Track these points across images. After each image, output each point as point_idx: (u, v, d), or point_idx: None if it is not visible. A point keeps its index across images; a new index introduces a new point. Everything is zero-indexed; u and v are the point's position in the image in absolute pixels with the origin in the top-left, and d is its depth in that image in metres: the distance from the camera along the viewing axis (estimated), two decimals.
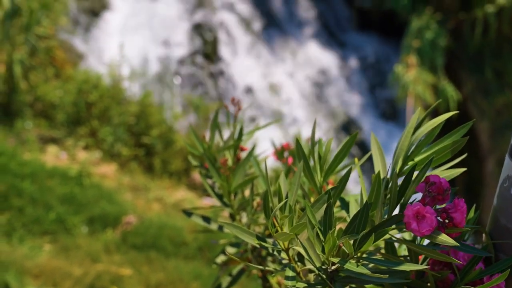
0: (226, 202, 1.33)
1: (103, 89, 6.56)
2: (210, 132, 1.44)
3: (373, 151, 1.12)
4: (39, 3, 6.06)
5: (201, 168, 1.40)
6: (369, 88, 9.29)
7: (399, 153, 1.02)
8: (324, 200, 0.99)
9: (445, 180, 0.85)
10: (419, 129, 1.04)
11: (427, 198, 0.82)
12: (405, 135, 1.04)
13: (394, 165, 1.02)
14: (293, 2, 9.77)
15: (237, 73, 8.55)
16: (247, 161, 1.34)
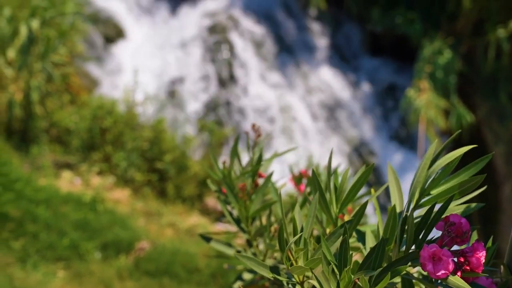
0: (244, 228, 1.34)
1: (117, 115, 6.63)
2: (230, 158, 1.45)
3: (390, 182, 1.11)
4: (56, 32, 6.18)
5: (220, 193, 1.41)
6: (382, 112, 9.27)
7: (416, 186, 1.02)
8: (339, 233, 0.98)
9: (465, 221, 0.84)
10: (436, 162, 1.03)
11: (446, 238, 0.81)
12: (421, 167, 1.03)
13: (410, 198, 1.01)
14: (305, 28, 9.86)
15: (250, 97, 8.60)
16: (265, 187, 1.34)
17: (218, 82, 8.68)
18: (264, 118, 8.51)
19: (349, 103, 9.18)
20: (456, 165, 1.04)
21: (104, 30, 9.40)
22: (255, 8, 9.88)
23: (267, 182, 1.33)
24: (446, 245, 0.80)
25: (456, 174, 1.02)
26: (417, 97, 8.03)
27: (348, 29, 10.09)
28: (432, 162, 1.03)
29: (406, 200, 1.01)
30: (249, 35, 9.40)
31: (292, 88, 8.98)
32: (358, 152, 8.77)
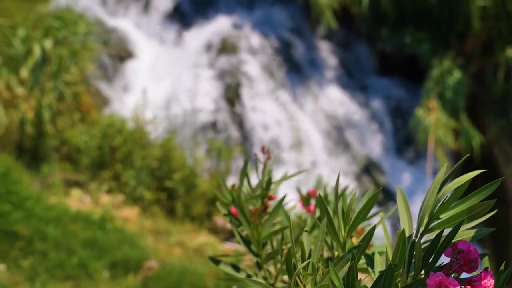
0: (255, 251, 1.34)
1: (127, 133, 6.67)
2: (239, 180, 1.45)
3: (399, 205, 1.11)
4: (68, 51, 6.26)
5: (231, 217, 1.41)
6: (391, 131, 9.25)
7: (425, 210, 1.01)
8: (348, 259, 0.98)
9: (474, 248, 0.83)
10: (445, 186, 1.02)
11: (454, 265, 0.80)
12: (430, 191, 1.02)
13: (419, 223, 1.01)
14: (314, 47, 9.91)
15: (259, 116, 8.62)
16: (277, 211, 1.35)
17: (227, 101, 8.73)
18: (273, 137, 8.52)
19: (358, 122, 9.17)
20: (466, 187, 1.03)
21: (114, 50, 9.51)
22: (264, 27, 9.97)
23: (279, 207, 1.34)
24: (455, 272, 0.79)
25: (465, 198, 1.01)
26: (426, 116, 8.01)
27: (358, 49, 10.14)
28: (441, 186, 1.03)
29: (415, 224, 1.00)
30: (258, 54, 9.46)
31: (301, 106, 9.00)
32: (367, 171, 8.73)
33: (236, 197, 1.39)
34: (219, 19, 10.11)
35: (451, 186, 1.03)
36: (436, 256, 0.85)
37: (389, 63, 9.80)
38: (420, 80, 8.85)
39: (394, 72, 9.77)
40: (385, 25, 9.36)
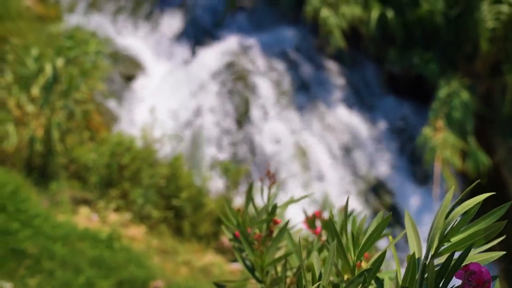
0: (259, 278, 1.33)
1: (135, 152, 6.70)
2: (245, 204, 1.45)
3: (407, 230, 1.11)
4: (78, 70, 6.34)
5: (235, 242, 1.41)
6: (399, 151, 9.23)
7: (435, 233, 1.01)
8: (358, 282, 0.98)
9: (486, 270, 0.83)
10: (455, 209, 1.03)
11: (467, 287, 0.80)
12: (439, 214, 1.03)
13: (429, 246, 1.01)
14: (322, 67, 9.97)
15: (267, 136, 8.64)
16: (281, 237, 1.34)
17: (235, 120, 8.76)
18: (281, 156, 8.52)
19: (366, 142, 9.16)
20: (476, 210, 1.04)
21: (124, 68, 9.62)
22: (272, 47, 10.05)
23: (283, 232, 1.33)
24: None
25: (476, 222, 1.01)
26: (433, 136, 8.00)
27: (365, 69, 10.18)
28: (451, 209, 1.03)
29: (424, 247, 1.00)
30: (266, 74, 9.53)
31: (309, 126, 9.02)
32: (374, 191, 8.70)
33: (241, 222, 1.39)
34: (228, 39, 10.21)
35: (460, 209, 1.03)
36: (447, 279, 0.85)
37: (397, 83, 9.82)
38: (428, 101, 8.86)
39: (402, 92, 9.78)
40: (393, 45, 9.40)
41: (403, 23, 9.20)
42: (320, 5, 9.13)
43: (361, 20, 9.30)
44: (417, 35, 9.12)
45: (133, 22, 10.92)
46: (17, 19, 7.34)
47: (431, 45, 9.08)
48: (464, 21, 8.66)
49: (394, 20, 9.16)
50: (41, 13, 9.56)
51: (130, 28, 10.85)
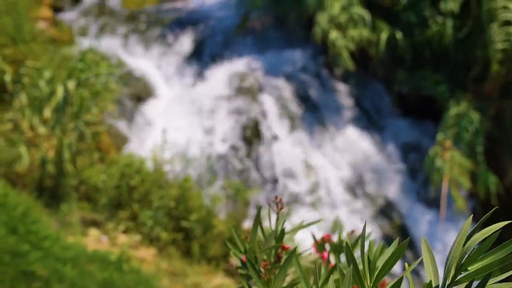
0: None
1: (145, 173, 6.72)
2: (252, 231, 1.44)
3: (424, 257, 1.10)
4: (89, 92, 6.40)
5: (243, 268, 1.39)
6: (409, 172, 9.18)
7: (452, 262, 1.00)
8: None
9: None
10: (472, 237, 1.02)
11: None
12: (457, 243, 1.02)
13: (446, 275, 1.00)
14: (331, 88, 10.00)
15: (276, 157, 8.64)
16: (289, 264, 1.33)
17: (244, 141, 8.78)
18: (290, 178, 8.50)
19: (375, 163, 9.13)
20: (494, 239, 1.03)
21: (134, 90, 9.71)
22: (282, 68, 10.11)
23: (291, 258, 1.32)
24: None
25: (494, 250, 1.00)
26: (441, 156, 7.95)
27: (375, 89, 10.20)
28: (468, 236, 1.02)
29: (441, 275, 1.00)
30: (275, 94, 9.57)
31: (318, 148, 9.01)
32: (385, 213, 8.63)
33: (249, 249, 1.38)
34: (238, 60, 10.30)
35: (478, 237, 1.02)
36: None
37: (406, 104, 9.82)
38: (438, 121, 8.84)
39: (411, 113, 9.78)
40: (402, 66, 9.43)
41: (412, 44, 9.24)
42: (328, 27, 9.20)
43: (370, 41, 9.35)
44: (426, 56, 9.15)
45: (144, 44, 11.06)
46: (31, 42, 7.46)
47: (440, 66, 9.10)
48: (473, 42, 8.69)
49: (403, 41, 9.20)
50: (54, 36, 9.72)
51: (141, 50, 10.99)
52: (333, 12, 9.21)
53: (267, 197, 8.35)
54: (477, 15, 8.68)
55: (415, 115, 9.74)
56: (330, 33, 9.14)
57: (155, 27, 11.46)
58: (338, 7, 9.27)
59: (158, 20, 11.70)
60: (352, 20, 9.29)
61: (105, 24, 11.83)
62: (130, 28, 11.63)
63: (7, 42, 7.19)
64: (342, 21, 9.23)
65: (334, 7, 9.23)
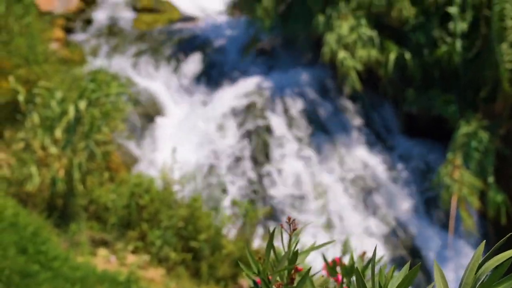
0: None
1: (154, 193, 6.72)
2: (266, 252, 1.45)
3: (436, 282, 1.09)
4: (100, 112, 6.46)
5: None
6: (418, 192, 9.12)
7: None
8: None
9: None
10: (485, 264, 1.01)
11: None
12: (469, 270, 1.01)
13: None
14: (340, 108, 10.01)
15: (285, 176, 8.62)
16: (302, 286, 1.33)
17: (253, 161, 8.78)
18: (300, 197, 8.47)
19: (385, 183, 9.08)
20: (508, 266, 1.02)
21: (144, 110, 9.78)
22: (291, 88, 10.15)
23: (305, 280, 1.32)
24: None
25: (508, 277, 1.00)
26: (450, 174, 7.90)
27: (384, 109, 10.19)
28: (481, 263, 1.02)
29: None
30: (284, 114, 9.59)
31: (327, 167, 8.99)
32: (395, 233, 8.56)
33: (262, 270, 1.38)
34: (247, 80, 10.36)
35: (491, 264, 1.01)
36: None
37: (416, 123, 9.79)
38: (447, 141, 8.80)
39: (420, 132, 9.75)
40: (411, 86, 9.43)
41: (421, 64, 9.25)
42: (336, 47, 9.25)
43: (378, 61, 9.38)
44: (435, 76, 9.15)
45: (153, 63, 11.18)
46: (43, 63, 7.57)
47: (450, 86, 9.09)
48: (483, 62, 8.69)
49: (412, 62, 9.22)
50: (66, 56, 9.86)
51: (151, 69, 11.10)
52: (342, 32, 9.27)
53: (275, 216, 8.32)
54: (486, 35, 8.70)
55: (424, 134, 9.71)
56: (338, 53, 9.18)
57: (165, 47, 11.59)
58: (347, 27, 9.33)
59: (168, 40, 11.84)
60: (361, 40, 9.34)
61: (116, 45, 11.99)
62: (141, 48, 11.77)
63: (21, 63, 7.30)
64: (351, 41, 9.28)
65: (343, 28, 9.29)
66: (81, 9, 12.88)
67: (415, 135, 9.77)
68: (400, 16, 9.43)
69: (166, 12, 13.72)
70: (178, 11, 13.90)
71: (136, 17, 13.27)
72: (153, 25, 12.96)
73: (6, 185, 5.79)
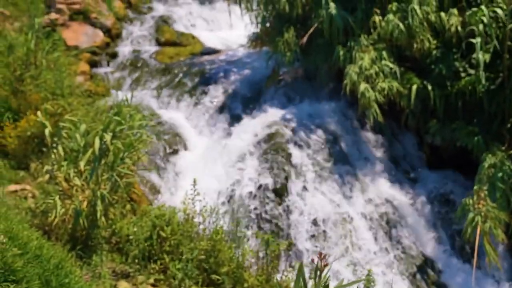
0: None
1: (176, 225, 6.71)
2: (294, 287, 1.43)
3: None
4: (123, 144, 6.52)
5: None
6: (444, 225, 8.94)
7: None
8: None
9: None
10: None
11: None
12: None
13: None
14: (362, 139, 9.97)
15: (307, 209, 8.55)
16: None
17: (274, 192, 8.74)
18: (321, 230, 8.37)
19: (409, 215, 8.93)
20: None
21: (166, 141, 9.88)
22: (312, 119, 10.16)
23: None
24: None
25: None
26: (474, 207, 7.73)
27: (406, 141, 10.12)
28: None
29: None
30: (305, 146, 9.58)
31: (349, 199, 8.89)
32: (420, 268, 8.36)
33: None
34: (268, 111, 10.41)
35: None
36: None
37: (439, 155, 9.68)
38: (472, 173, 8.65)
39: (444, 164, 9.62)
40: (434, 118, 9.36)
41: (443, 96, 9.20)
42: (358, 79, 9.27)
43: (400, 93, 9.36)
44: (459, 107, 9.07)
45: (176, 96, 11.34)
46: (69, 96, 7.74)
47: (474, 117, 8.99)
48: (507, 92, 8.61)
49: (434, 93, 9.18)
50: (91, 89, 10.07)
51: (173, 101, 11.25)
52: (363, 65, 9.30)
53: (297, 249, 8.21)
54: (510, 65, 8.65)
55: (448, 166, 9.58)
56: (359, 85, 9.20)
57: (187, 79, 11.76)
58: (368, 60, 9.36)
59: (190, 73, 12.02)
60: (382, 72, 9.35)
61: (139, 77, 12.22)
62: (163, 80, 11.97)
63: (48, 97, 7.48)
64: (372, 73, 9.30)
65: (364, 60, 9.33)
66: (106, 43, 13.21)
67: (439, 166, 9.65)
68: (421, 48, 9.44)
69: (188, 45, 13.98)
70: (201, 44, 14.15)
71: (159, 50, 13.54)
72: (175, 58, 13.20)
73: (31, 217, 5.85)
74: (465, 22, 9.12)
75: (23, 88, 7.67)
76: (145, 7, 15.75)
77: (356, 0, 10.04)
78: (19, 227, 4.41)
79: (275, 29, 10.79)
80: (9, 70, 7.87)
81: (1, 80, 7.79)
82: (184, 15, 15.47)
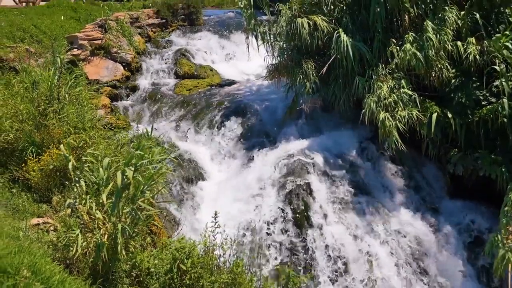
0: None
1: (196, 257, 6.65)
2: None
3: None
4: (144, 177, 6.55)
5: None
6: (469, 258, 8.71)
7: None
8: None
9: None
10: None
11: None
12: None
13: None
14: (382, 169, 9.87)
15: (328, 241, 8.43)
16: None
17: (295, 224, 8.66)
18: (343, 263, 8.22)
19: (433, 247, 8.73)
20: None
21: (186, 173, 9.90)
22: (332, 149, 10.12)
23: None
24: None
25: None
26: (504, 242, 7.51)
27: (427, 170, 9.98)
28: None
29: None
30: (326, 176, 9.51)
31: (370, 231, 8.75)
32: None
33: None
34: (287, 142, 10.40)
35: None
36: None
37: (461, 185, 9.51)
38: (497, 203, 8.46)
39: (467, 194, 9.44)
40: (455, 146, 9.24)
41: (465, 124, 9.10)
42: (376, 108, 9.23)
43: (420, 121, 9.28)
44: (481, 135, 8.95)
45: (195, 127, 11.41)
46: (91, 129, 7.84)
47: (496, 146, 8.86)
48: None
49: (455, 122, 9.08)
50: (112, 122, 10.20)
51: (192, 133, 11.32)
52: (382, 94, 9.28)
53: (318, 282, 8.06)
54: None
55: (471, 196, 9.39)
56: (378, 114, 9.15)
57: (206, 111, 11.85)
58: (386, 89, 9.35)
59: (208, 104, 12.12)
60: (401, 100, 9.31)
61: (159, 110, 12.36)
62: (182, 112, 12.08)
63: (70, 130, 7.59)
64: (391, 101, 9.26)
65: (382, 89, 9.31)
66: (126, 76, 13.44)
67: (461, 196, 9.47)
68: (440, 76, 9.40)
69: (207, 77, 14.15)
70: (219, 76, 14.32)
71: (178, 83, 13.73)
72: (194, 90, 13.35)
73: (53, 250, 5.85)
74: (483, 51, 9.07)
75: (46, 123, 7.79)
76: (164, 41, 16.05)
77: (374, 30, 10.10)
78: (42, 261, 4.42)
79: (294, 61, 10.87)
80: (33, 105, 8.02)
81: (26, 115, 7.94)
82: (202, 47, 15.72)
